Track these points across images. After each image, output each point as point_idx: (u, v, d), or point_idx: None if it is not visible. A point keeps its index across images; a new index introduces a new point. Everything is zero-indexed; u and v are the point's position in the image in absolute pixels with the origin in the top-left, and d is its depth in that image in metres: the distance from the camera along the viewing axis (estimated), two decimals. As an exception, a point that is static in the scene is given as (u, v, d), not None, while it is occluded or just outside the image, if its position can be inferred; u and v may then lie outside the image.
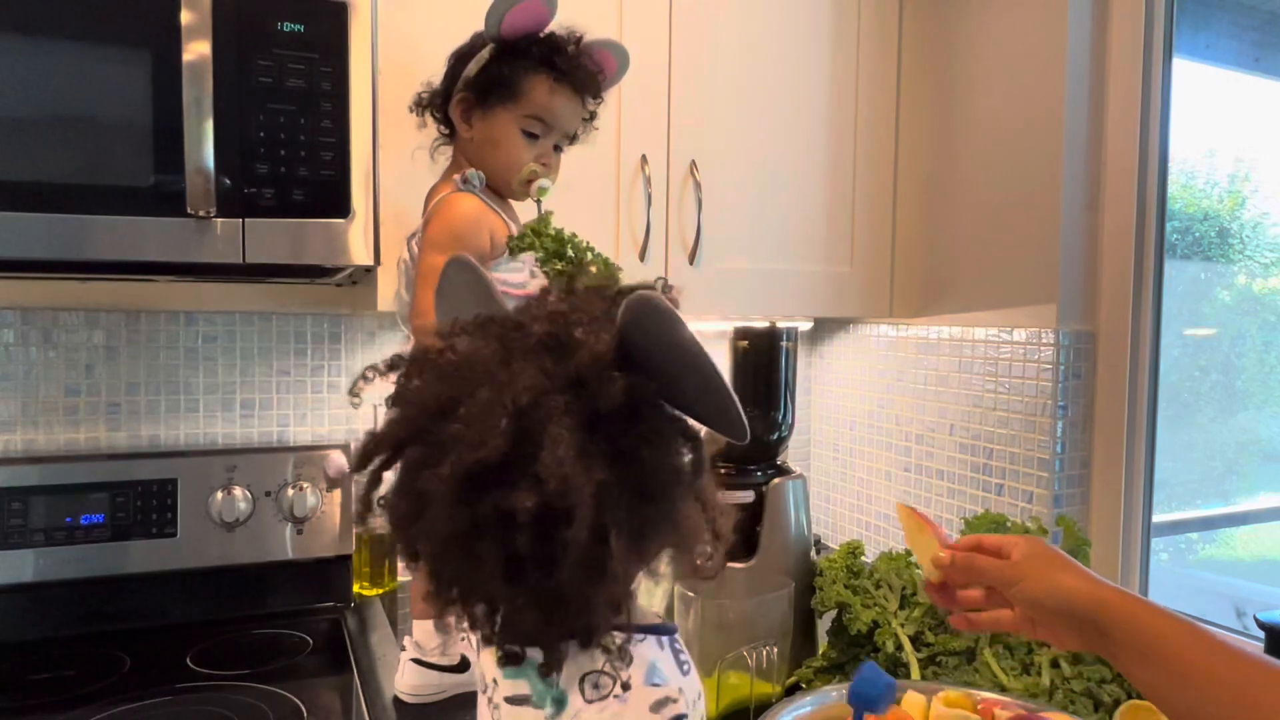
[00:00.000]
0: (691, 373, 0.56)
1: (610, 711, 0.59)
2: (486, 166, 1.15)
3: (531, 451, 0.53)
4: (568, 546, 0.53)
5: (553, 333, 0.57)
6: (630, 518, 0.56)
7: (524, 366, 0.55)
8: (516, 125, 1.14)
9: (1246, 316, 1.47)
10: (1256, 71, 1.47)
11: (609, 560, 0.55)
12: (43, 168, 1.08)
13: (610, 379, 0.55)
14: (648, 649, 0.62)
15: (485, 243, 1.10)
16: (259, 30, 1.14)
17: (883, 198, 1.67)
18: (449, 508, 0.54)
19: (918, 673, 1.14)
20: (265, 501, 1.47)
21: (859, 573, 1.30)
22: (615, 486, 0.55)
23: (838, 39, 1.60)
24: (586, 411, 0.55)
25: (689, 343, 0.55)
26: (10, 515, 1.34)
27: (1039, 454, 1.42)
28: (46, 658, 1.30)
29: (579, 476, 0.53)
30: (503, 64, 1.11)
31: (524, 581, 0.55)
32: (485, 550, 0.55)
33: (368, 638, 1.39)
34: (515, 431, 0.53)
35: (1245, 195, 1.44)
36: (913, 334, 1.69)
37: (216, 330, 1.54)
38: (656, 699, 0.60)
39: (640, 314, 0.56)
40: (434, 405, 0.57)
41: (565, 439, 0.53)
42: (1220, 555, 1.58)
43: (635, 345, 0.57)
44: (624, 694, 0.59)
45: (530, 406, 0.54)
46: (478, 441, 0.53)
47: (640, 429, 0.57)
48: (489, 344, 0.58)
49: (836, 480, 1.94)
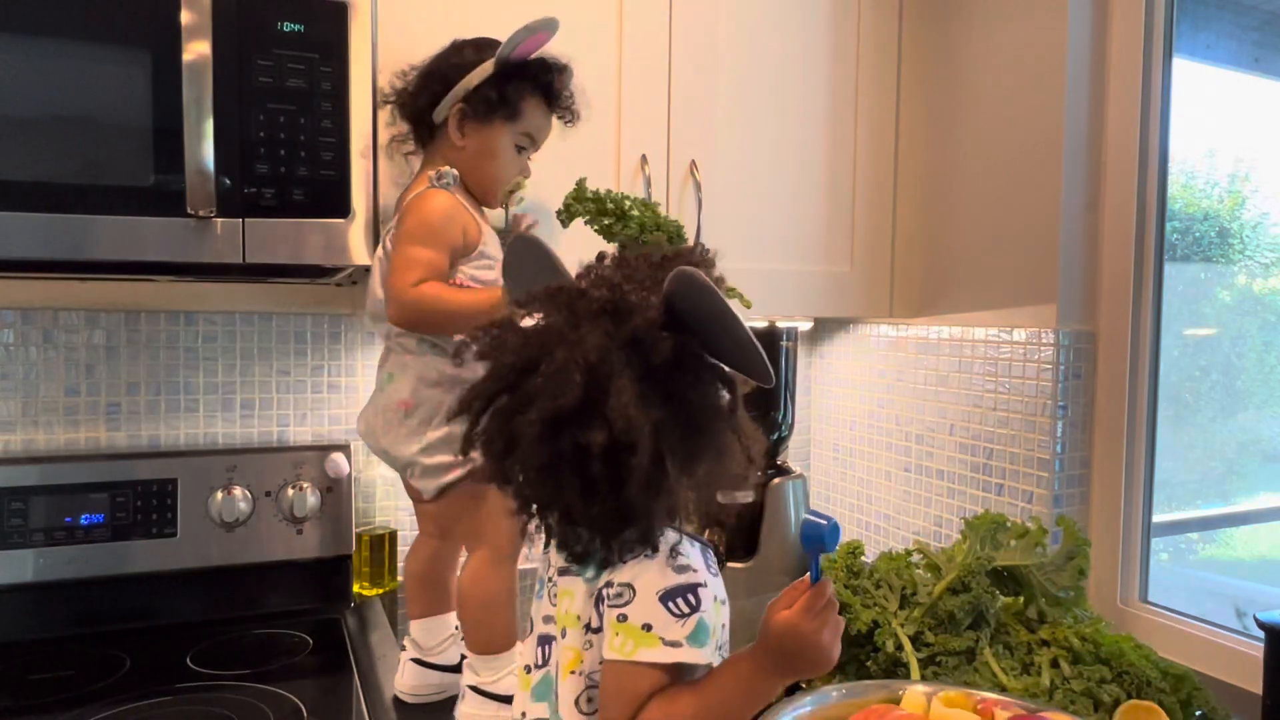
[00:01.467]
0: (725, 333, 0.70)
1: (640, 565, 0.73)
2: (477, 175, 1.19)
3: (600, 398, 0.67)
4: (633, 471, 0.67)
5: (610, 299, 0.71)
6: (682, 446, 0.69)
7: (590, 330, 0.69)
8: (511, 140, 1.19)
9: (1246, 316, 1.47)
10: (1256, 71, 1.47)
11: (665, 479, 0.68)
12: (43, 168, 1.08)
13: (661, 338, 0.69)
14: (682, 540, 0.76)
15: (459, 237, 1.12)
16: (259, 30, 1.15)
17: (883, 198, 1.67)
18: (536, 444, 0.68)
19: (918, 673, 1.13)
20: (265, 501, 1.47)
21: (859, 573, 1.30)
22: (668, 422, 0.68)
23: (838, 39, 1.60)
24: (642, 364, 0.68)
25: (723, 309, 0.69)
26: (10, 515, 1.34)
27: (1039, 454, 1.42)
28: (46, 658, 1.30)
29: (639, 417, 0.66)
30: (507, 83, 1.15)
31: (596, 498, 0.69)
32: (565, 476, 0.69)
33: (368, 638, 1.39)
34: (587, 383, 0.67)
35: (1245, 195, 1.44)
36: (913, 334, 1.69)
37: (216, 330, 1.54)
38: (679, 564, 0.74)
39: (683, 286, 0.69)
40: (519, 364, 0.70)
41: (627, 388, 0.67)
42: (1220, 555, 1.58)
43: (679, 310, 0.70)
44: (652, 554, 0.74)
45: (598, 362, 0.67)
46: (558, 392, 0.67)
47: (686, 376, 0.71)
48: (560, 311, 0.72)
49: (836, 480, 1.94)
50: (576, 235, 1.13)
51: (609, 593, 0.74)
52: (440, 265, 1.10)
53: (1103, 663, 1.11)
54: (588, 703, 0.76)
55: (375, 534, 1.60)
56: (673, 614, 0.71)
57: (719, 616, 0.75)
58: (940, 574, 1.24)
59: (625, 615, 0.72)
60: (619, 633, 0.72)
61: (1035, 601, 1.22)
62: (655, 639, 0.71)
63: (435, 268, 1.10)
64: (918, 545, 1.32)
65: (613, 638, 0.72)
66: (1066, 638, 1.14)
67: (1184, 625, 1.31)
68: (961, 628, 1.18)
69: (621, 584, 0.73)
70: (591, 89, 1.33)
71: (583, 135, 1.40)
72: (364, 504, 1.63)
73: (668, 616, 0.71)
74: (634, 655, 0.71)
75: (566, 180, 1.26)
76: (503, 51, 1.13)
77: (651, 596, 0.72)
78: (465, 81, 1.14)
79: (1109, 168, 1.41)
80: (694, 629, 0.71)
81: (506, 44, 1.13)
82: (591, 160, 1.41)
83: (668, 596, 0.71)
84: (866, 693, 1.03)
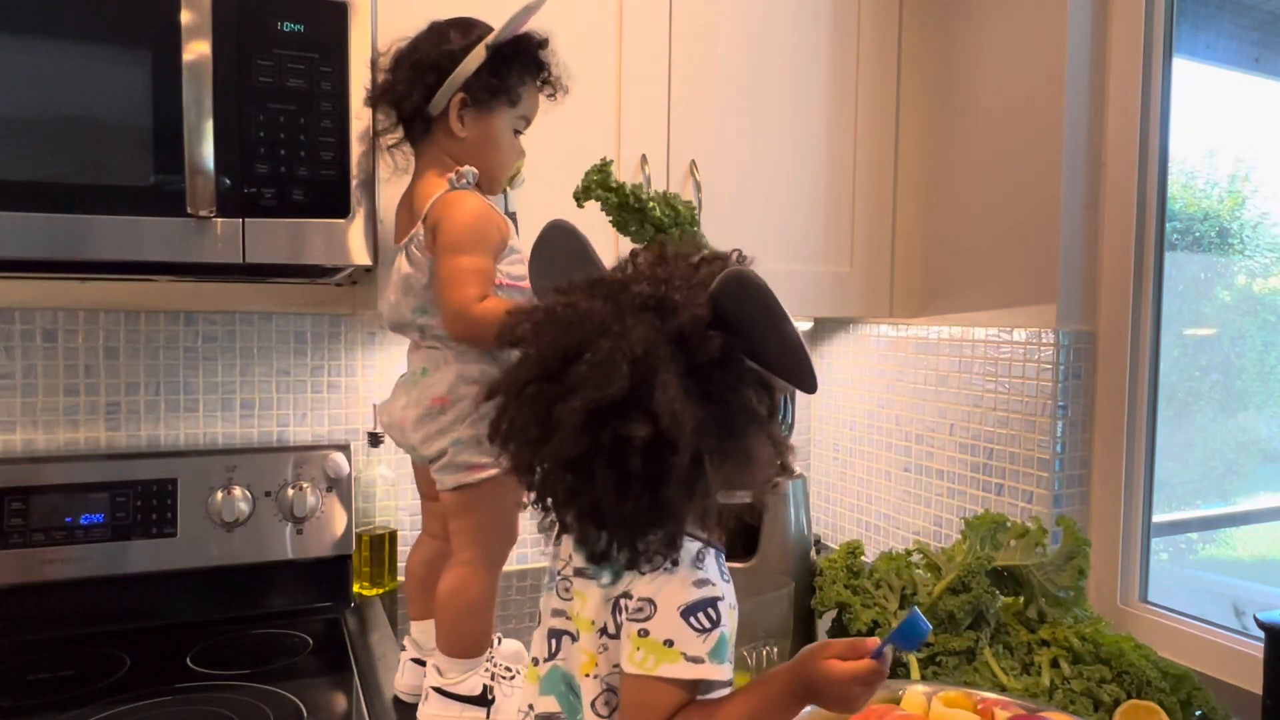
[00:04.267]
0: (775, 333, 0.69)
1: (661, 580, 0.72)
2: (482, 165, 1.14)
3: (646, 392, 0.65)
4: (673, 468, 0.66)
5: (654, 294, 0.70)
6: (718, 448, 0.68)
7: (636, 322, 0.68)
8: (510, 125, 1.16)
9: (1246, 316, 1.47)
10: (1256, 71, 1.47)
11: (702, 480, 0.67)
12: (43, 168, 1.08)
13: (709, 337, 0.68)
14: (704, 552, 0.75)
15: (497, 237, 1.09)
16: (259, 30, 1.15)
17: (883, 198, 1.67)
18: (575, 434, 0.66)
19: (918, 673, 1.14)
20: (265, 501, 1.47)
21: (859, 573, 1.30)
22: (708, 422, 0.67)
23: (838, 39, 1.60)
24: (687, 361, 0.67)
25: (778, 311, 0.68)
26: (10, 515, 1.34)
27: (1039, 454, 1.42)
28: (46, 658, 1.30)
29: (685, 414, 0.65)
30: (506, 68, 1.12)
31: (630, 495, 0.67)
32: (600, 470, 0.67)
33: (368, 638, 1.39)
34: (633, 375, 0.66)
35: (1245, 195, 1.44)
36: (913, 334, 1.69)
37: (216, 330, 1.54)
38: (699, 578, 0.72)
39: (733, 285, 0.68)
40: (560, 351, 0.69)
41: (673, 383, 0.66)
42: (1220, 555, 1.58)
43: (727, 309, 0.69)
44: (674, 568, 0.72)
45: (644, 355, 0.66)
46: (604, 382, 0.66)
47: (729, 378, 0.70)
48: (603, 302, 0.70)
49: (836, 480, 1.94)
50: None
51: (628, 604, 0.73)
52: (490, 271, 1.08)
53: (1103, 663, 1.11)
54: (604, 705, 0.75)
55: (375, 534, 1.60)
56: (695, 629, 0.71)
57: (734, 625, 0.75)
58: (940, 574, 1.24)
59: (647, 630, 0.71)
60: (640, 647, 0.71)
61: (1035, 601, 1.22)
62: (678, 654, 0.70)
63: (486, 275, 1.07)
64: (918, 545, 1.32)
65: (633, 651, 0.71)
66: (1066, 638, 1.15)
67: (1184, 625, 1.31)
68: (961, 628, 1.18)
69: (642, 598, 0.72)
70: (592, 89, 1.34)
71: (583, 135, 1.40)
72: (364, 504, 1.63)
73: (690, 632, 0.70)
74: (656, 670, 0.70)
75: (566, 179, 1.25)
76: (498, 37, 1.10)
77: (673, 612, 0.71)
78: (461, 69, 1.09)
79: (1109, 167, 1.41)
80: (715, 644, 0.71)
81: (502, 29, 1.09)
82: (591, 159, 1.41)
83: (689, 612, 0.71)
84: (866, 693, 1.03)
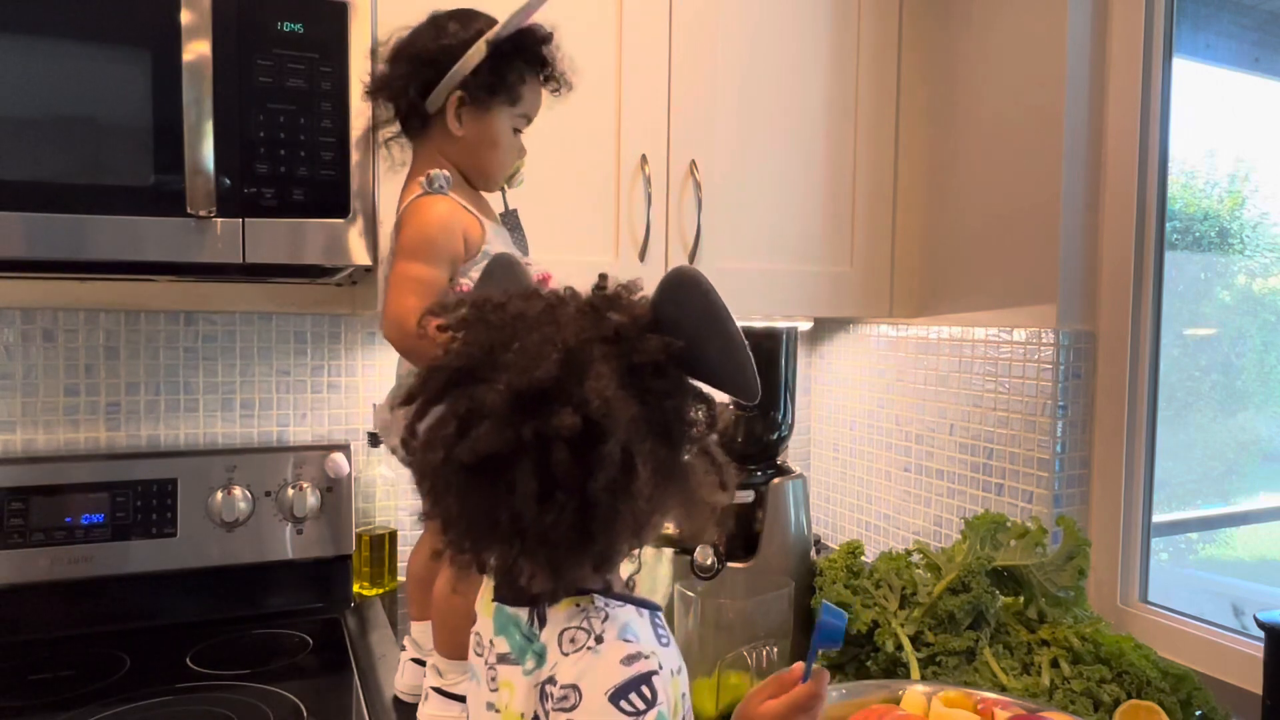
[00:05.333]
0: (718, 335, 0.66)
1: (585, 662, 0.65)
2: (479, 164, 1.13)
3: (575, 382, 0.61)
4: (603, 461, 0.61)
5: (592, 303, 0.67)
6: (652, 453, 0.64)
7: (570, 319, 0.65)
8: (510, 124, 1.13)
9: (1246, 316, 1.47)
10: (1256, 71, 1.47)
11: (634, 481, 0.62)
12: (43, 168, 1.08)
13: (647, 337, 0.65)
14: (625, 613, 0.68)
15: (458, 246, 1.07)
16: (259, 30, 1.15)
17: (883, 198, 1.67)
18: (498, 426, 0.61)
19: (918, 673, 1.14)
20: (265, 501, 1.47)
21: (859, 573, 1.30)
22: (642, 422, 0.63)
23: (838, 39, 1.60)
24: (623, 360, 0.64)
25: (720, 308, 0.65)
26: (10, 515, 1.34)
27: (1039, 454, 1.42)
28: (46, 658, 1.30)
29: (618, 402, 0.61)
30: (506, 66, 1.09)
31: (553, 503, 0.61)
32: (521, 474, 0.61)
33: (368, 638, 1.39)
34: (564, 363, 0.61)
35: (1245, 195, 1.44)
36: (913, 334, 1.69)
37: (216, 330, 1.54)
38: (629, 653, 0.65)
39: (678, 284, 0.66)
40: (487, 346, 0.65)
41: (607, 374, 0.61)
42: (1220, 555, 1.58)
43: (666, 313, 0.66)
44: (597, 646, 0.65)
45: (578, 347, 0.63)
46: (531, 366, 0.61)
47: (665, 383, 0.66)
48: (539, 306, 0.67)
49: (836, 480, 1.94)
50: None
51: (553, 691, 0.65)
52: (437, 282, 1.05)
53: (1103, 663, 1.11)
54: None
55: (375, 534, 1.60)
56: (626, 714, 0.62)
57: (678, 689, 0.68)
58: (940, 574, 1.24)
59: None
60: None
61: (1035, 601, 1.22)
62: None
63: (432, 287, 1.04)
64: (918, 545, 1.32)
65: None
66: (1066, 638, 1.15)
67: (1184, 625, 1.31)
68: (961, 628, 1.18)
69: (566, 685, 0.64)
70: (591, 89, 1.33)
71: (583, 135, 1.40)
72: (364, 504, 1.63)
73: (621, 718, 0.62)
74: None
75: (566, 179, 1.26)
76: (499, 33, 1.07)
77: (600, 699, 0.63)
78: (460, 66, 1.06)
79: (1109, 167, 1.41)
80: None
81: (503, 25, 1.07)
82: (591, 160, 1.41)
83: (619, 695, 0.63)
84: (866, 693, 1.03)
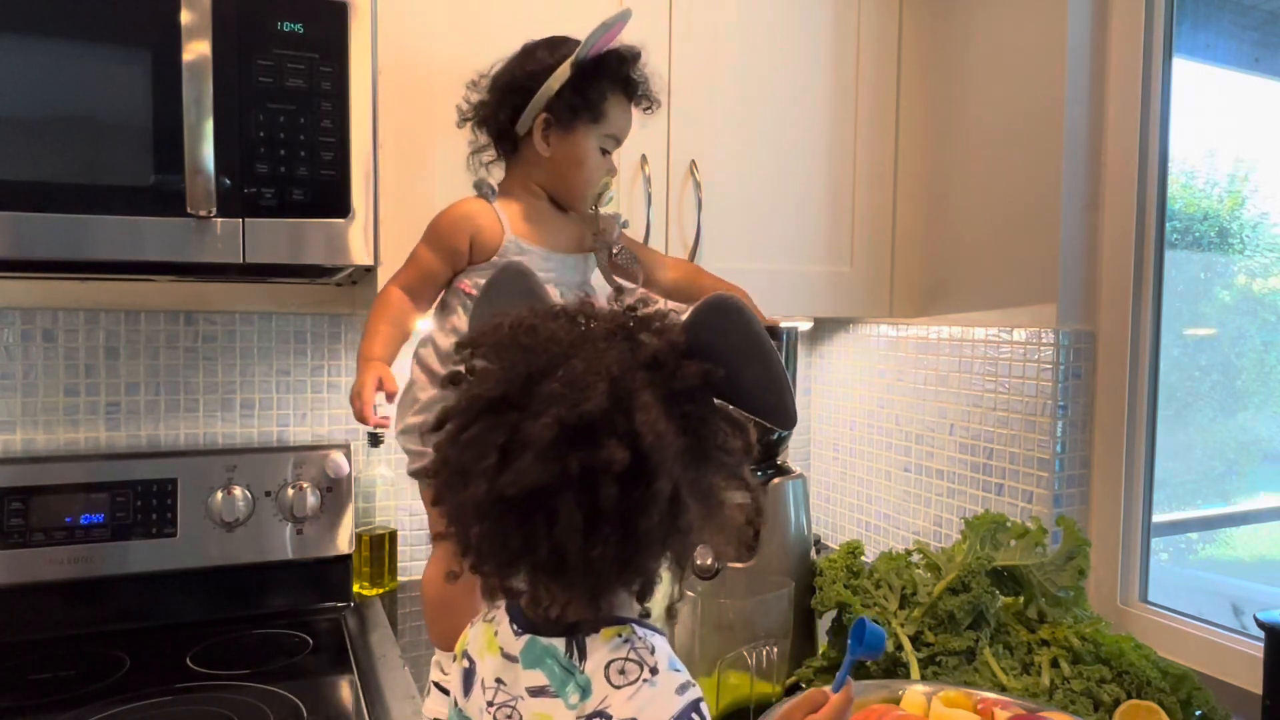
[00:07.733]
0: (756, 362, 0.65)
1: (644, 696, 0.63)
2: (565, 183, 1.16)
3: (622, 414, 0.59)
4: (654, 497, 0.60)
5: (621, 323, 0.65)
6: (696, 483, 0.63)
7: (609, 345, 0.63)
8: (597, 144, 1.15)
9: (1246, 316, 1.47)
10: (1256, 71, 1.47)
11: (684, 514, 0.61)
12: (43, 168, 1.08)
13: (686, 363, 0.63)
14: (662, 641, 0.67)
15: (463, 245, 1.11)
16: (259, 30, 1.14)
17: (883, 198, 1.67)
18: (542, 459, 0.59)
19: (918, 673, 1.13)
20: (265, 501, 1.47)
21: (859, 573, 1.30)
22: (687, 453, 0.62)
23: (838, 39, 1.60)
24: (663, 389, 0.62)
25: (763, 336, 0.65)
26: (10, 515, 1.34)
27: (1039, 454, 1.42)
28: (46, 658, 1.30)
29: (669, 435, 0.60)
30: (588, 85, 1.11)
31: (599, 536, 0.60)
32: (565, 506, 0.59)
33: (368, 638, 1.39)
34: (610, 394, 0.60)
35: (1245, 195, 1.44)
36: (913, 334, 1.69)
37: (216, 330, 1.54)
38: (680, 683, 0.64)
39: (711, 313, 0.65)
40: (524, 372, 0.62)
41: (652, 403, 0.60)
42: (1220, 555, 1.58)
43: (702, 339, 0.65)
44: (653, 678, 0.64)
45: (621, 375, 0.61)
46: (580, 399, 0.59)
47: (700, 409, 0.65)
48: (567, 326, 0.65)
49: (836, 480, 1.94)
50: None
51: None
52: (430, 266, 1.13)
53: (1103, 663, 1.11)
54: None
55: (375, 534, 1.60)
56: None
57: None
58: (940, 574, 1.24)
59: None
60: None
61: (1035, 601, 1.22)
62: None
63: (424, 269, 1.13)
64: (918, 545, 1.32)
65: None
66: (1066, 638, 1.15)
67: (1184, 625, 1.31)
68: (961, 628, 1.18)
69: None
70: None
71: (583, 135, 1.40)
72: (364, 504, 1.63)
73: None
74: None
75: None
76: (580, 53, 1.09)
77: None
78: (544, 89, 1.09)
79: (1109, 168, 1.41)
80: None
81: (583, 46, 1.09)
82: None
83: None
84: (866, 693, 1.03)
